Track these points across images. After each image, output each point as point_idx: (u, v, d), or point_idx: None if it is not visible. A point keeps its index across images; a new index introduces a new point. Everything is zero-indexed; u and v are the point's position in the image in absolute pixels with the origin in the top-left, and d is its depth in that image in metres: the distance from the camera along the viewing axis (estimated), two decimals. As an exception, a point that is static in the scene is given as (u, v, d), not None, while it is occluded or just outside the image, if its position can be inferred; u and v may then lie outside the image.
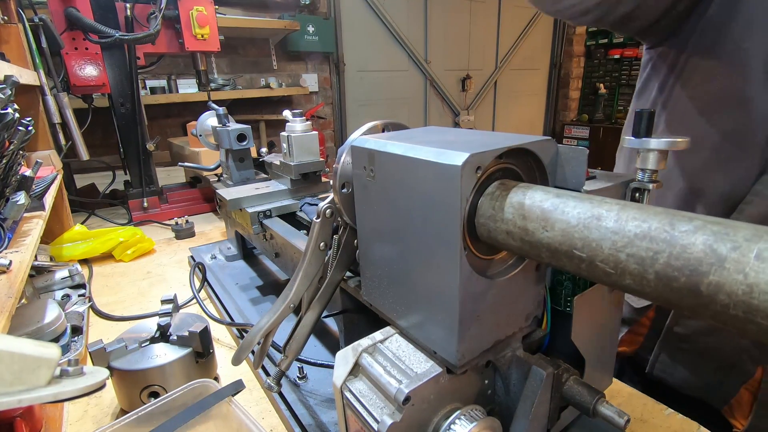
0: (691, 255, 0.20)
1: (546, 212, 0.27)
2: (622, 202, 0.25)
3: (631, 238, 0.23)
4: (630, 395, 0.58)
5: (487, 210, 0.30)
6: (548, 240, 0.27)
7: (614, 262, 0.23)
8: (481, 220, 0.30)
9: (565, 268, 0.27)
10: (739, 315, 0.19)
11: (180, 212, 1.47)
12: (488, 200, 0.30)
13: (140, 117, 1.39)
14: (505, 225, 0.29)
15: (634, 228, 0.23)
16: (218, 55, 1.50)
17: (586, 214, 0.25)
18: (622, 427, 0.34)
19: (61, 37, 1.23)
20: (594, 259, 0.24)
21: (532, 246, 0.28)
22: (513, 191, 0.29)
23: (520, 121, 4.60)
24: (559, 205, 0.27)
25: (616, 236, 0.23)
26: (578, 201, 0.26)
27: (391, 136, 0.38)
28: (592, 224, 0.24)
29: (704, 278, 0.20)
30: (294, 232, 0.72)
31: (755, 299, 0.18)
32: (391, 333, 0.39)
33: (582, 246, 0.25)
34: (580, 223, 0.25)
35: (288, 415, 0.54)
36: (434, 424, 0.34)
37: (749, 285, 0.18)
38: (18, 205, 0.66)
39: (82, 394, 0.35)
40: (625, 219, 0.23)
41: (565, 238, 0.26)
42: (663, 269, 0.21)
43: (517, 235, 0.28)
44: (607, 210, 0.24)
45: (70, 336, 0.67)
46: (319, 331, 0.71)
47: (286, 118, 0.87)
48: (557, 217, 0.26)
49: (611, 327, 0.46)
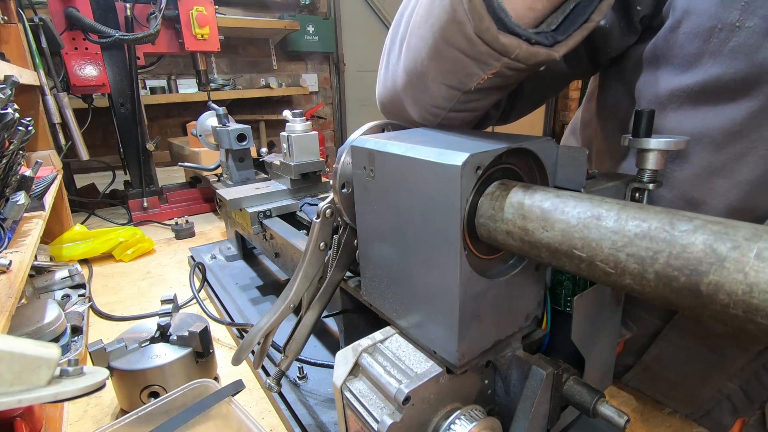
0: (691, 254, 0.20)
1: (546, 212, 0.27)
2: (622, 202, 0.25)
3: (631, 238, 0.22)
4: (630, 395, 0.58)
5: (487, 210, 0.30)
6: (548, 240, 0.27)
7: (614, 261, 0.23)
8: (481, 220, 0.30)
9: (565, 268, 0.27)
10: (739, 314, 0.19)
11: (180, 212, 1.47)
12: (488, 200, 0.30)
13: (140, 117, 1.39)
14: (505, 225, 0.29)
15: (633, 227, 0.23)
16: (218, 55, 1.50)
17: (585, 214, 0.25)
18: (622, 427, 0.34)
19: (61, 37, 1.23)
20: (594, 259, 0.24)
21: (532, 246, 0.28)
22: (513, 191, 0.29)
23: (520, 122, 4.55)
24: (559, 204, 0.27)
25: (615, 236, 0.23)
26: (578, 201, 0.26)
27: (391, 136, 0.38)
28: (591, 224, 0.24)
29: (704, 278, 0.20)
30: (294, 232, 0.72)
31: (755, 298, 0.18)
32: (391, 333, 0.39)
33: (582, 246, 0.25)
34: (579, 222, 0.25)
35: (288, 415, 0.54)
36: (434, 424, 0.34)
37: (749, 284, 0.18)
38: (18, 205, 0.66)
39: (82, 394, 0.35)
40: (625, 218, 0.23)
41: (565, 238, 0.26)
42: (663, 269, 0.21)
43: (517, 235, 0.28)
44: (606, 210, 0.24)
45: (70, 336, 0.67)
46: (319, 331, 0.71)
47: (286, 118, 0.87)
48: (557, 216, 0.26)
49: (611, 327, 0.46)
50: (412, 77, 0.44)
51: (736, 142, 0.41)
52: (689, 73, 0.42)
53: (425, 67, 0.41)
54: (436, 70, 0.40)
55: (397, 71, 0.47)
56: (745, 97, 0.39)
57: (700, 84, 0.41)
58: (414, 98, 0.46)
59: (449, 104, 0.42)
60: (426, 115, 0.46)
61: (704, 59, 0.40)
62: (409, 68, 0.44)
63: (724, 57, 0.39)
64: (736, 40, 0.38)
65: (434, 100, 0.43)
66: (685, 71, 0.42)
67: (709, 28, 0.39)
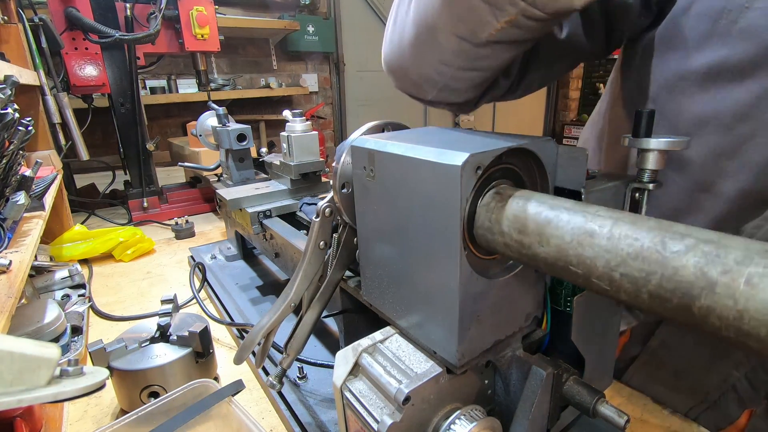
0: (683, 278, 0.20)
1: (541, 226, 0.27)
2: (615, 215, 0.24)
3: (624, 258, 0.22)
4: (630, 395, 0.58)
5: (485, 222, 0.30)
6: (544, 255, 0.26)
7: (609, 279, 0.23)
8: (480, 231, 0.30)
9: (563, 278, 0.27)
10: (731, 336, 0.19)
11: (180, 212, 1.47)
12: (485, 211, 0.30)
13: (140, 117, 1.39)
14: (503, 238, 0.29)
15: (626, 247, 0.22)
16: (218, 55, 1.50)
17: (579, 231, 0.25)
18: (622, 427, 0.34)
19: (61, 37, 1.23)
20: (590, 276, 0.24)
21: (530, 258, 0.28)
22: (508, 203, 0.29)
23: (520, 121, 4.60)
24: (553, 219, 0.26)
25: (609, 255, 0.23)
26: (571, 214, 0.26)
27: (391, 136, 0.38)
28: (585, 241, 0.24)
29: (696, 301, 0.20)
30: (294, 232, 0.72)
31: (746, 325, 0.18)
32: (391, 333, 0.39)
33: (577, 263, 0.25)
34: (574, 239, 0.25)
35: (288, 415, 0.54)
36: (434, 424, 0.34)
37: (740, 311, 0.18)
38: (18, 205, 0.66)
39: (82, 394, 0.35)
40: (617, 237, 0.23)
41: (560, 254, 0.26)
42: (656, 290, 0.21)
43: (514, 248, 0.28)
44: (599, 226, 0.24)
45: (70, 336, 0.67)
46: (319, 331, 0.71)
47: (286, 118, 0.87)
48: (551, 232, 0.26)
49: (611, 327, 0.46)
50: (421, 29, 0.42)
51: (745, 124, 0.41)
52: (697, 55, 0.42)
53: (436, 16, 0.39)
54: (447, 18, 0.38)
55: (405, 24, 0.45)
56: (751, 79, 0.40)
57: (706, 66, 0.41)
58: (421, 53, 0.44)
59: (457, 60, 0.41)
60: (432, 73, 0.44)
61: (713, 41, 0.40)
62: (419, 19, 0.42)
63: (732, 38, 0.39)
64: (744, 21, 0.38)
65: (443, 55, 0.41)
66: (694, 53, 0.42)
67: (719, 8, 0.39)
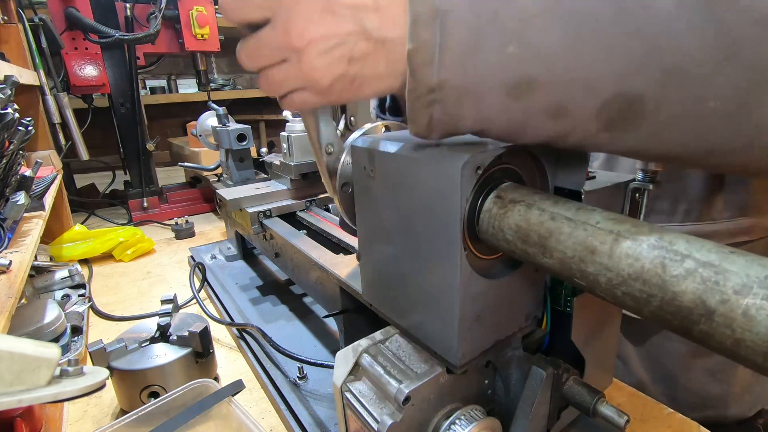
0: (682, 304, 0.20)
1: (543, 239, 0.27)
2: (617, 228, 0.24)
3: (625, 278, 0.23)
4: (630, 395, 0.58)
5: (488, 228, 0.30)
6: (549, 265, 0.27)
7: (612, 296, 0.24)
8: (484, 236, 0.30)
9: (571, 285, 0.27)
10: (729, 355, 0.20)
11: (180, 212, 1.47)
12: (487, 218, 0.30)
13: (140, 117, 1.39)
14: (508, 245, 0.29)
15: (627, 267, 0.23)
16: (218, 55, 1.50)
17: (580, 246, 0.25)
18: (622, 427, 0.34)
19: (61, 37, 1.23)
20: (593, 290, 0.25)
21: (536, 265, 0.28)
22: (509, 211, 0.29)
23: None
24: (554, 231, 0.26)
25: (610, 273, 0.23)
26: (572, 227, 0.26)
27: (391, 136, 0.38)
28: (587, 258, 0.24)
29: (695, 326, 0.20)
30: (294, 232, 0.72)
31: (742, 351, 0.19)
32: (391, 333, 0.39)
33: (581, 277, 0.25)
34: (576, 255, 0.25)
35: (288, 415, 0.54)
36: (434, 424, 0.34)
37: (736, 340, 0.19)
38: (18, 205, 0.66)
39: (82, 394, 0.35)
40: (618, 256, 0.23)
41: (563, 267, 0.26)
42: (656, 311, 0.22)
43: (520, 255, 0.29)
44: (600, 242, 0.24)
45: (70, 336, 0.67)
46: (319, 331, 0.71)
47: (286, 118, 0.87)
48: (554, 245, 0.26)
49: (611, 327, 0.46)
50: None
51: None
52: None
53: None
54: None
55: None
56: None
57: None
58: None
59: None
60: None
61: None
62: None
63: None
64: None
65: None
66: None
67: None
